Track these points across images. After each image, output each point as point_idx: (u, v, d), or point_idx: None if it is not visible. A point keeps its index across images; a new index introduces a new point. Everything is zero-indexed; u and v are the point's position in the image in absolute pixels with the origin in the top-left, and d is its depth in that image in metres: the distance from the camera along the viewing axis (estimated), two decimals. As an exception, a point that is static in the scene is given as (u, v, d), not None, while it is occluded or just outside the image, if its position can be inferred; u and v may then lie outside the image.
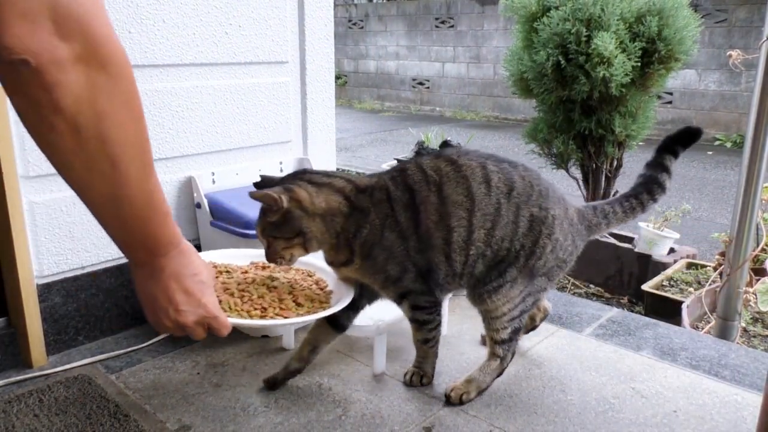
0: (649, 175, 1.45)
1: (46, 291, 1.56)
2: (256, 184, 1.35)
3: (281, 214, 1.25)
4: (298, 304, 1.30)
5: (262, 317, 1.24)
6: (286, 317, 1.24)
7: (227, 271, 1.38)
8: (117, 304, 1.70)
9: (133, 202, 0.85)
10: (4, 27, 0.65)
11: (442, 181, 1.28)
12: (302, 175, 1.33)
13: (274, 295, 1.30)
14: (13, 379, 1.47)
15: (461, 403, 1.38)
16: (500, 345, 1.38)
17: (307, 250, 1.31)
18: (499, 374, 1.42)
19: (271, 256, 1.30)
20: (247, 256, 1.45)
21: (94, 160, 0.78)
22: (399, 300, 1.36)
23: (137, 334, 1.70)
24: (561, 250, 1.35)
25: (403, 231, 1.29)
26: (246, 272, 1.39)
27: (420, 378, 1.44)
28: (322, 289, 1.39)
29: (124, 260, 1.73)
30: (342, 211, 1.29)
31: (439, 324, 1.40)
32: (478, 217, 1.28)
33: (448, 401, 1.38)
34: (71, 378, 1.47)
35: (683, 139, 1.45)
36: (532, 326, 1.61)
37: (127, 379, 1.48)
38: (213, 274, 1.04)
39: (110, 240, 0.93)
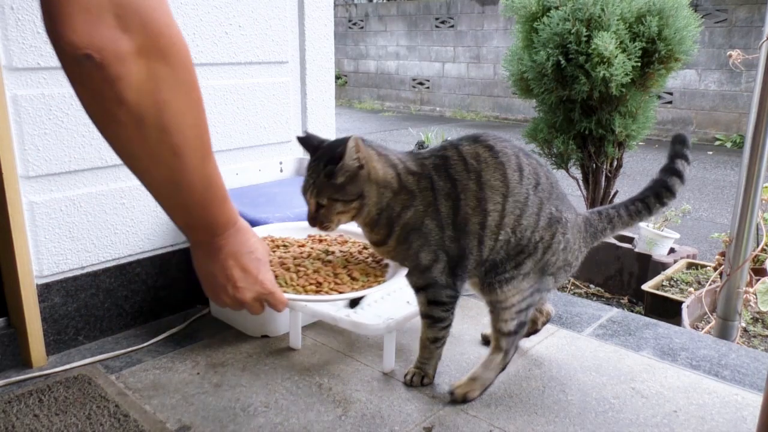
0: (659, 179, 1.46)
1: (46, 291, 1.56)
2: (301, 139, 1.36)
3: (352, 173, 1.24)
4: (353, 278, 1.29)
5: (317, 292, 1.23)
6: (340, 292, 1.24)
7: (284, 245, 1.39)
8: (117, 304, 1.70)
9: (193, 186, 0.88)
10: (68, 23, 0.66)
11: (481, 167, 1.30)
12: (364, 141, 1.30)
13: (329, 270, 1.30)
14: (13, 379, 1.47)
15: (465, 401, 1.38)
16: (506, 337, 1.38)
17: (355, 218, 1.29)
18: (503, 369, 1.42)
19: (319, 219, 1.27)
20: (305, 229, 1.44)
21: (157, 149, 0.80)
22: (419, 290, 1.36)
23: (137, 334, 1.70)
24: (569, 252, 1.37)
25: (442, 221, 1.30)
26: (303, 245, 1.40)
27: (421, 378, 1.44)
28: (377, 262, 1.38)
29: (124, 260, 1.74)
30: (392, 186, 1.29)
31: (450, 324, 1.40)
32: (510, 202, 1.30)
33: (453, 399, 1.38)
34: (71, 378, 1.47)
35: (681, 145, 1.46)
36: (533, 329, 1.61)
37: (127, 379, 1.48)
38: (268, 250, 1.07)
39: (110, 240, 0.94)
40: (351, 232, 1.47)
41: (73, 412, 1.33)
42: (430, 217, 1.30)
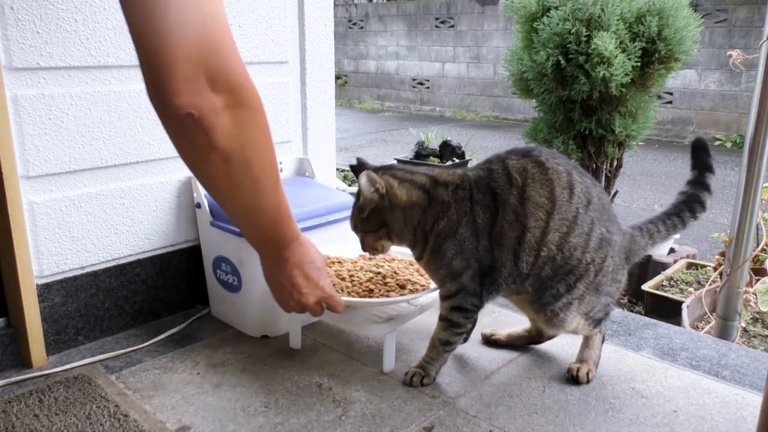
0: (692, 193, 1.49)
1: (46, 291, 1.56)
2: (353, 167, 1.45)
3: (374, 205, 1.34)
4: (401, 287, 1.48)
5: (369, 297, 1.43)
6: (389, 297, 1.42)
7: (339, 262, 1.61)
8: (117, 304, 1.70)
9: (267, 209, 1.07)
10: (173, 90, 0.83)
11: (526, 183, 1.31)
12: (387, 170, 1.39)
13: (379, 279, 1.50)
14: (12, 379, 1.47)
15: (589, 381, 1.46)
16: (594, 327, 1.44)
17: (391, 241, 1.40)
18: (603, 340, 1.51)
19: (366, 248, 1.42)
20: (357, 251, 1.57)
21: (240, 181, 0.97)
22: (447, 298, 1.39)
23: (137, 334, 1.70)
24: (618, 272, 1.40)
25: (478, 230, 1.32)
26: (355, 262, 1.60)
27: (421, 379, 1.44)
28: (422, 275, 1.54)
29: (125, 260, 1.74)
30: (420, 204, 1.34)
31: (466, 332, 1.43)
32: (555, 220, 1.30)
33: (577, 381, 1.45)
34: (71, 378, 1.47)
35: (701, 153, 1.52)
36: (537, 340, 1.62)
37: (127, 379, 1.48)
38: (325, 260, 1.28)
39: (110, 240, 1.02)
40: (397, 251, 1.59)
41: (73, 412, 1.33)
42: (465, 226, 1.32)
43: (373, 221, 1.36)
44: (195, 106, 0.84)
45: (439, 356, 1.43)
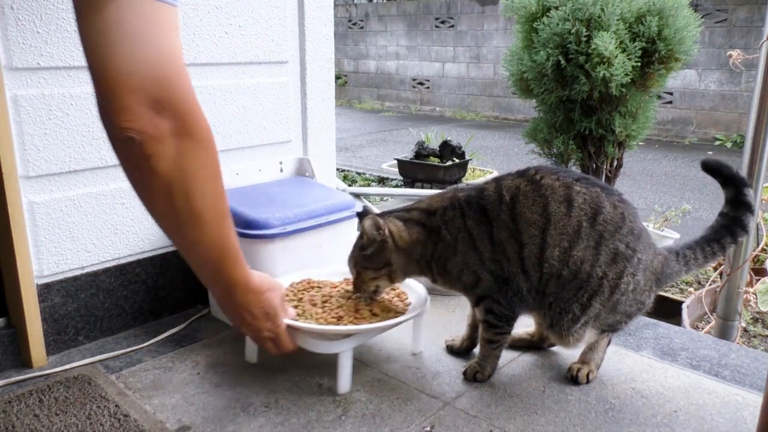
0: (733, 216, 1.42)
1: (46, 291, 1.56)
2: (359, 214, 1.50)
3: (377, 246, 1.38)
4: (374, 314, 1.44)
5: (337, 324, 1.38)
6: (356, 324, 1.39)
7: (319, 287, 1.57)
8: (117, 304, 1.70)
9: (210, 246, 1.04)
10: (117, 113, 0.84)
11: (516, 200, 1.33)
12: (388, 214, 1.45)
13: (351, 305, 1.46)
14: (13, 379, 1.47)
15: (588, 382, 1.45)
16: (611, 333, 1.44)
17: (392, 281, 1.45)
18: (608, 343, 1.50)
19: (357, 286, 1.45)
20: (343, 273, 1.59)
21: (182, 213, 0.97)
22: (477, 303, 1.42)
23: (137, 334, 1.70)
24: (640, 293, 1.35)
25: (476, 242, 1.35)
26: (335, 286, 1.57)
27: (474, 373, 1.45)
28: (402, 301, 1.53)
29: (124, 260, 1.74)
30: (420, 240, 1.40)
31: (507, 333, 1.43)
32: (553, 235, 1.29)
33: (576, 382, 1.44)
34: (71, 378, 1.47)
35: (722, 170, 1.45)
36: (538, 345, 1.62)
37: (127, 379, 1.48)
38: (278, 302, 1.24)
39: (110, 240, 1.02)
40: None
41: (73, 412, 1.33)
42: (462, 242, 1.36)
43: (377, 259, 1.40)
44: (137, 131, 0.85)
45: (489, 354, 1.45)
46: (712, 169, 1.45)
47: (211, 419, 1.32)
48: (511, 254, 1.33)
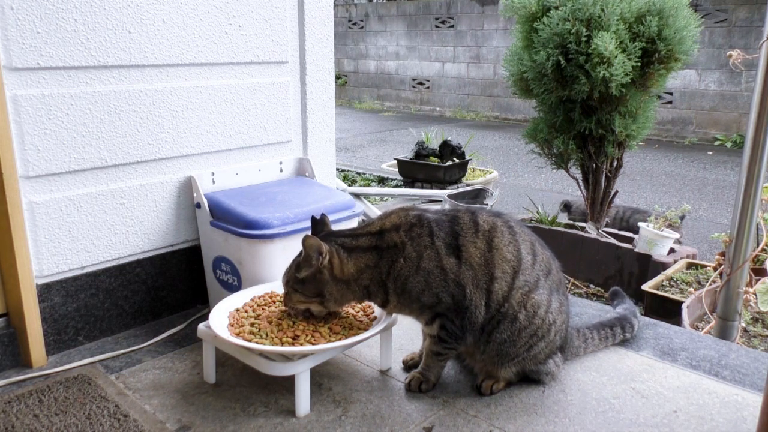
0: (623, 315, 1.70)
1: (46, 291, 1.56)
2: (314, 220, 1.44)
3: (312, 271, 1.33)
4: (334, 332, 1.38)
5: (292, 344, 1.32)
6: (314, 344, 1.32)
7: (280, 301, 1.47)
8: (117, 304, 1.70)
9: None
10: None
11: (494, 234, 1.36)
12: (335, 239, 1.38)
13: (310, 324, 1.39)
14: (13, 379, 1.47)
15: (492, 394, 1.43)
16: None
17: (325, 308, 1.39)
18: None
19: (286, 304, 1.40)
20: None
21: None
22: (428, 324, 1.39)
23: (137, 334, 1.70)
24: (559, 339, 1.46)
25: (443, 263, 1.33)
26: None
27: (419, 384, 1.43)
28: (367, 315, 1.47)
29: (124, 260, 1.74)
30: (370, 265, 1.35)
31: (455, 349, 1.41)
32: (520, 279, 1.35)
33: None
34: (71, 378, 1.46)
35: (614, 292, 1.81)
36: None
37: (127, 379, 1.48)
38: None
39: (110, 240, 0.96)
40: None
41: (73, 412, 1.33)
42: (427, 260, 1.33)
43: (309, 287, 1.35)
44: None
45: (434, 364, 1.44)
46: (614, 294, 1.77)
47: (211, 419, 1.32)
48: (480, 283, 1.33)
